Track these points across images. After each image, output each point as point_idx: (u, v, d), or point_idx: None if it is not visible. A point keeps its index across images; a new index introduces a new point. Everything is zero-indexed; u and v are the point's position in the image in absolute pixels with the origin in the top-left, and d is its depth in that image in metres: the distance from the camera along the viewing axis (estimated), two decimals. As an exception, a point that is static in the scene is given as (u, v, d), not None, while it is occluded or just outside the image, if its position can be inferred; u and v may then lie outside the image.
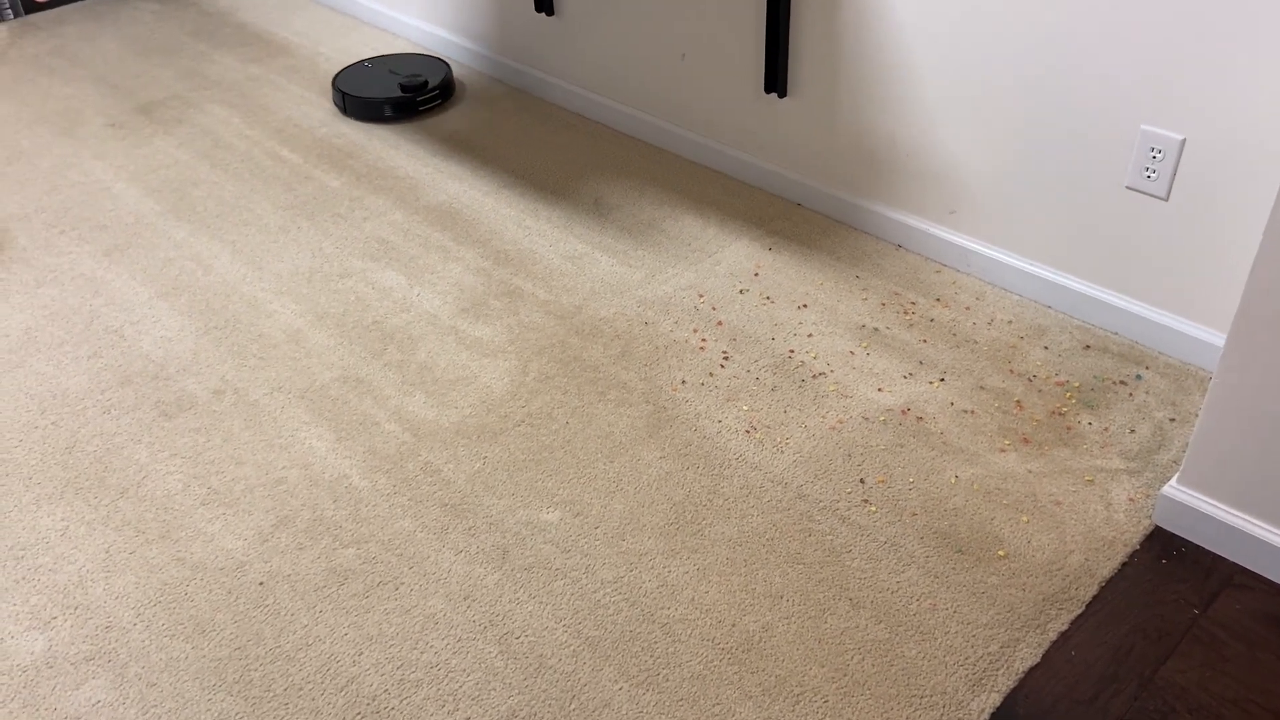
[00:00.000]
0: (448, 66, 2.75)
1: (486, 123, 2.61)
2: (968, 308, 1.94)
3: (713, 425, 1.71)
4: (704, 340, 1.89)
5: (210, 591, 1.47)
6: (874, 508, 1.56)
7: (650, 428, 1.71)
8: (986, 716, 1.29)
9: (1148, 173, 1.69)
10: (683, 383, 1.80)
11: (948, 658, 1.36)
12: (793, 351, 1.86)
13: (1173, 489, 1.50)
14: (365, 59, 2.84)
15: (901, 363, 1.82)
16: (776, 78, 2.12)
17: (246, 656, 1.39)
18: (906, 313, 1.93)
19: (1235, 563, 1.47)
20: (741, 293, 2.00)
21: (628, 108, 2.51)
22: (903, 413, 1.72)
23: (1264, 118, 1.54)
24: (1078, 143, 1.76)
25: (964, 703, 1.30)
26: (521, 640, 1.40)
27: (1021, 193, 1.89)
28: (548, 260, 2.11)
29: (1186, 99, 1.60)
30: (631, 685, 1.34)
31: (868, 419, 1.71)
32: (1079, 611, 1.41)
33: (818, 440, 1.68)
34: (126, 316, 2.00)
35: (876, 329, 1.90)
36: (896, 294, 1.98)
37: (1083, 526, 1.52)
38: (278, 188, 2.38)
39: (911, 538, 1.51)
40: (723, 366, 1.83)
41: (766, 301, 1.98)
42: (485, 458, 1.67)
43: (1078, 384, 1.76)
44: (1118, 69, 1.66)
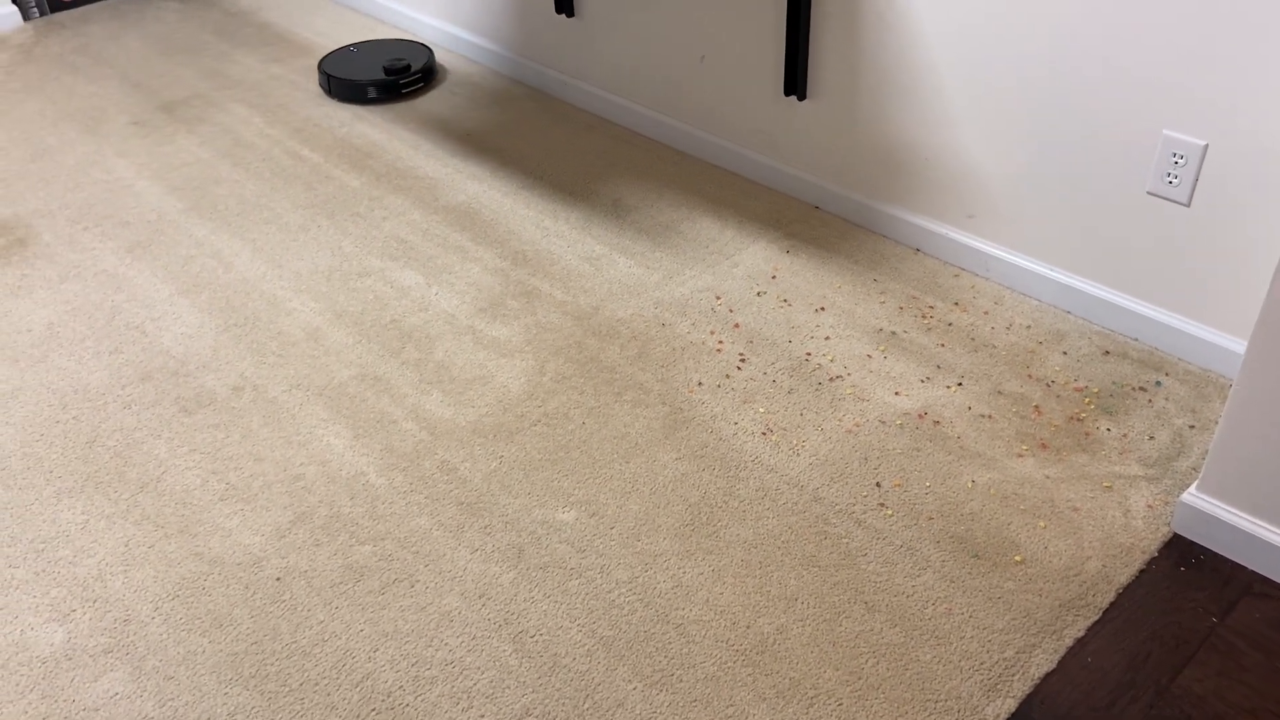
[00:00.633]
0: (430, 51, 2.84)
1: (505, 123, 2.62)
2: (986, 312, 1.93)
3: (729, 427, 1.71)
4: (721, 342, 1.89)
5: (228, 586, 1.49)
6: (890, 511, 1.56)
7: (666, 429, 1.71)
8: (1001, 722, 1.29)
9: (1169, 178, 1.68)
10: (699, 384, 1.80)
11: (963, 663, 1.35)
12: (810, 354, 1.85)
13: (1192, 496, 1.49)
14: (351, 44, 2.93)
15: (919, 366, 1.81)
16: (796, 80, 2.12)
17: (263, 651, 1.40)
18: (924, 316, 1.93)
19: (1254, 571, 1.46)
20: (759, 295, 2.00)
21: (647, 109, 2.51)
22: (920, 416, 1.71)
23: (1288, 123, 1.53)
24: (1099, 148, 1.75)
25: (979, 708, 1.30)
26: (536, 639, 1.40)
27: (1042, 197, 1.88)
28: (565, 261, 2.12)
29: (1209, 105, 1.59)
30: (645, 685, 1.34)
31: (884, 422, 1.71)
32: (1096, 618, 1.40)
33: (834, 443, 1.67)
34: (148, 313, 2.02)
35: (894, 332, 1.89)
36: (914, 298, 1.98)
37: (1100, 533, 1.51)
38: (298, 186, 2.40)
39: (927, 542, 1.51)
40: (739, 368, 1.83)
41: (784, 304, 1.98)
42: (501, 457, 1.67)
43: (1096, 390, 1.75)
44: (1140, 74, 1.65)
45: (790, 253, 2.12)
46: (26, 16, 3.26)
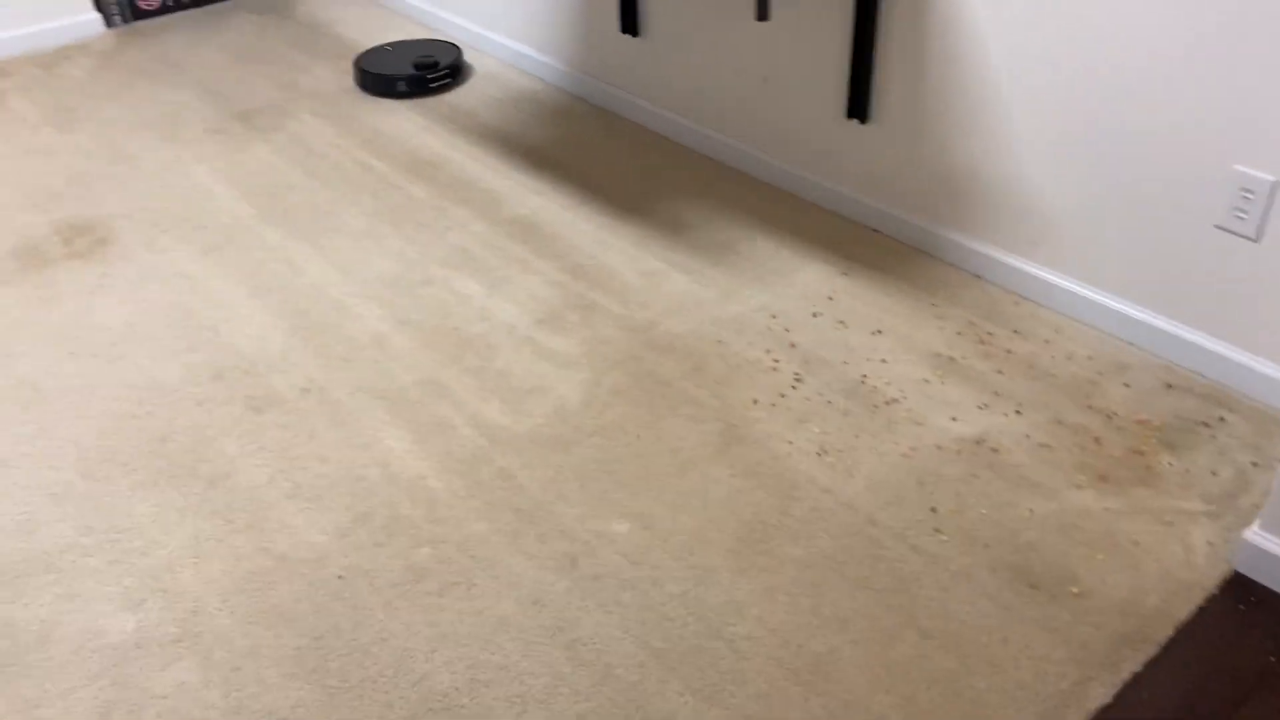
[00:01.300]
0: (458, 49, 3.00)
1: (567, 139, 2.66)
2: (1047, 341, 1.92)
3: (783, 446, 1.72)
4: (776, 361, 1.90)
5: (292, 582, 1.53)
6: (945, 537, 1.56)
7: (721, 445, 1.73)
8: (1054, 754, 1.28)
9: (1238, 213, 1.67)
10: (754, 402, 1.81)
11: (1018, 693, 1.35)
12: (866, 376, 1.86)
13: (1254, 534, 1.47)
14: (386, 44, 3.08)
15: (977, 393, 1.81)
16: (860, 103, 2.13)
17: (324, 647, 1.44)
18: (983, 343, 1.93)
19: (1319, 613, 1.43)
20: (815, 316, 2.01)
21: (709, 129, 2.54)
22: (976, 443, 1.71)
23: (1364, 160, 1.51)
24: (1167, 180, 1.74)
25: (1032, 738, 1.29)
26: (589, 648, 1.42)
27: (1107, 228, 1.87)
28: (624, 276, 2.15)
29: (1283, 139, 1.58)
30: (697, 699, 1.35)
31: (941, 448, 1.71)
32: (1153, 653, 1.39)
33: (889, 466, 1.68)
34: (221, 314, 2.09)
35: (952, 358, 1.89)
36: (973, 324, 1.97)
37: (1160, 568, 1.49)
38: (366, 195, 2.46)
39: (983, 569, 1.50)
40: (794, 388, 1.84)
41: (840, 325, 1.98)
42: (558, 466, 1.70)
43: (1159, 423, 1.73)
44: (1211, 109, 1.64)
45: (848, 275, 2.12)
46: (109, 24, 3.38)
